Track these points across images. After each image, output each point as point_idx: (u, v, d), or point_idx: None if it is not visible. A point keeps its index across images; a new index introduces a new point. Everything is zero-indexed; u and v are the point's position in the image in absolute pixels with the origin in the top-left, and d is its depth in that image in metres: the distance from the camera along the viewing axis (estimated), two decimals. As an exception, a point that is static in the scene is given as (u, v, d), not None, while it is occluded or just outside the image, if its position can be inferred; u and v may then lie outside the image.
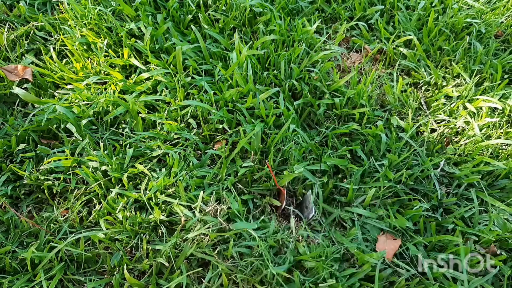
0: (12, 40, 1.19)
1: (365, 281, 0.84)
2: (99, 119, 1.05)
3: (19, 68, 1.10)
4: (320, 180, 0.97)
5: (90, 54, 1.16)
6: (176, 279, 0.80)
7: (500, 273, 0.90)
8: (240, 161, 0.98)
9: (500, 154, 1.10)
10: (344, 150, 1.02)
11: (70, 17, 1.22)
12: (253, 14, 1.27)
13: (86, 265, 0.84)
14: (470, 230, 0.94)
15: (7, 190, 0.91)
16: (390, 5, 1.42)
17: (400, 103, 1.19)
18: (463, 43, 1.33)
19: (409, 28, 1.36)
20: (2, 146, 0.96)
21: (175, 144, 1.01)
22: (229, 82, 1.10)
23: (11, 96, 1.07)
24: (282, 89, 1.12)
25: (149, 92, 1.10)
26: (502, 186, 1.05)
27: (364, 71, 1.28)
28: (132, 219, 0.86)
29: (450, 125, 1.15)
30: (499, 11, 1.47)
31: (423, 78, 1.26)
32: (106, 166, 0.93)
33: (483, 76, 1.28)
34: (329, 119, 1.13)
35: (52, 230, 0.87)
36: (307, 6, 1.37)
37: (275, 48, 1.20)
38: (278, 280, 0.81)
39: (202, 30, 1.23)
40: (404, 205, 0.99)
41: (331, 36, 1.35)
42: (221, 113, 1.02)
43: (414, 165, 1.05)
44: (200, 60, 1.17)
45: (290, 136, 1.02)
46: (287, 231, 0.90)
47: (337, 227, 0.96)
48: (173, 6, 1.23)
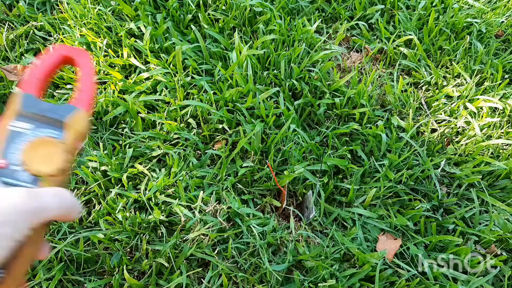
0: (12, 40, 1.18)
1: (365, 281, 0.84)
2: (99, 119, 1.05)
3: (18, 68, 1.10)
4: (321, 180, 0.97)
5: (90, 54, 1.16)
6: (176, 280, 0.80)
7: (501, 273, 0.90)
8: (240, 161, 0.97)
9: (501, 154, 1.10)
10: (344, 150, 1.02)
11: (70, 16, 1.21)
12: (253, 14, 1.27)
13: (86, 266, 0.84)
14: (470, 230, 0.94)
15: (6, 190, 0.91)
16: (391, 5, 1.42)
17: (401, 103, 1.19)
18: (464, 42, 1.32)
19: (410, 28, 1.36)
20: (1, 146, 0.96)
21: (174, 144, 1.01)
22: (229, 82, 1.10)
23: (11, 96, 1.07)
24: (282, 89, 1.12)
25: (148, 92, 1.10)
26: (503, 186, 1.05)
27: (364, 71, 1.28)
28: (131, 219, 0.86)
29: (450, 125, 1.14)
30: (499, 11, 1.47)
31: (423, 78, 1.26)
32: (105, 166, 0.93)
33: (483, 76, 1.28)
34: (329, 119, 1.13)
35: (52, 230, 0.87)
36: (307, 5, 1.37)
37: (275, 47, 1.20)
38: (278, 279, 0.81)
39: (202, 30, 1.22)
40: (404, 205, 0.99)
41: (331, 36, 1.35)
42: (221, 113, 1.02)
43: (415, 165, 1.04)
44: (200, 59, 1.16)
45: (290, 136, 1.01)
46: (286, 231, 0.90)
47: (338, 227, 0.95)
48: (173, 6, 1.23)
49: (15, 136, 0.54)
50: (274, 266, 0.82)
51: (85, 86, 0.59)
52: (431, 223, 0.94)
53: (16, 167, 0.52)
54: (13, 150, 0.53)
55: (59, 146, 0.54)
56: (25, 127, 0.55)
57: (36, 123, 0.55)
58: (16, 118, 0.55)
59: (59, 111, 0.56)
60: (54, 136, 0.55)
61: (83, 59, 0.60)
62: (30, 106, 0.56)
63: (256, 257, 0.83)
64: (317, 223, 0.94)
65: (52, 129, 0.55)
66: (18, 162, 0.53)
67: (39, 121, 0.56)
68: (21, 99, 0.55)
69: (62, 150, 0.54)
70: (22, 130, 0.55)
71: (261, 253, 0.83)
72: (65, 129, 0.55)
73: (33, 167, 0.52)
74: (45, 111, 0.56)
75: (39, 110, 0.56)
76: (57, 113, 0.56)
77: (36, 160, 0.53)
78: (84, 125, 0.55)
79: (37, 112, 0.56)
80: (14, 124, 0.54)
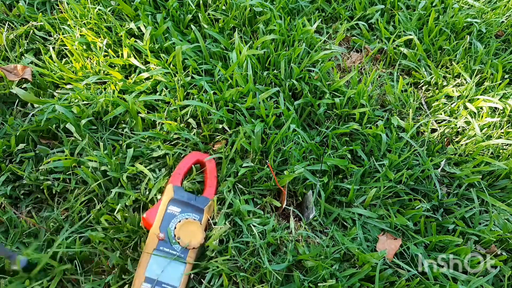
0: (12, 40, 1.19)
1: (366, 281, 0.84)
2: (99, 119, 1.05)
3: (18, 68, 1.10)
4: (321, 180, 0.97)
5: (90, 54, 1.16)
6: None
7: (501, 273, 0.90)
8: (240, 161, 0.97)
9: (501, 154, 1.10)
10: (344, 150, 1.02)
11: (70, 16, 1.21)
12: (253, 14, 1.27)
13: (86, 265, 0.84)
14: (470, 230, 0.94)
15: (6, 190, 0.91)
16: (391, 5, 1.42)
17: (401, 103, 1.19)
18: (464, 42, 1.32)
19: (410, 28, 1.36)
20: (1, 146, 0.96)
21: (175, 144, 1.01)
22: (229, 82, 1.10)
23: (11, 96, 1.07)
24: (282, 89, 1.12)
25: (148, 92, 1.10)
26: (503, 186, 1.05)
27: (364, 71, 1.28)
28: (131, 219, 0.86)
29: (450, 125, 1.14)
30: (499, 11, 1.47)
31: (423, 78, 1.26)
32: (105, 166, 0.93)
33: (483, 76, 1.28)
34: (329, 119, 1.13)
35: (52, 230, 0.87)
36: (307, 5, 1.37)
37: (275, 47, 1.20)
38: (278, 279, 0.81)
39: (202, 30, 1.22)
40: (404, 205, 0.99)
41: (331, 36, 1.35)
42: (221, 113, 1.02)
43: (415, 165, 1.04)
44: (200, 59, 1.16)
45: (290, 136, 1.01)
46: (286, 230, 0.90)
47: (338, 227, 0.95)
48: (173, 6, 1.23)
49: (169, 217, 0.77)
50: (274, 265, 0.82)
51: (212, 183, 0.88)
52: (431, 223, 0.94)
53: (172, 240, 0.75)
54: (168, 227, 0.75)
55: (200, 226, 0.76)
56: (176, 210, 0.78)
57: (183, 208, 0.79)
58: (170, 203, 0.78)
59: (199, 201, 0.82)
60: (196, 218, 0.78)
61: (210, 163, 0.91)
62: (180, 195, 0.81)
63: (256, 257, 0.83)
64: (317, 223, 0.94)
65: (195, 214, 0.79)
66: (172, 237, 0.75)
67: (186, 206, 0.79)
68: (174, 189, 0.81)
69: (202, 229, 0.76)
70: (174, 213, 0.77)
71: (261, 252, 0.83)
72: (202, 213, 0.80)
73: (183, 240, 0.74)
74: (190, 200, 0.80)
75: (186, 198, 0.81)
76: (198, 202, 0.82)
77: (184, 235, 0.74)
78: (214, 210, 0.83)
79: (185, 200, 0.80)
80: (169, 207, 0.78)
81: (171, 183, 0.84)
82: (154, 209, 0.79)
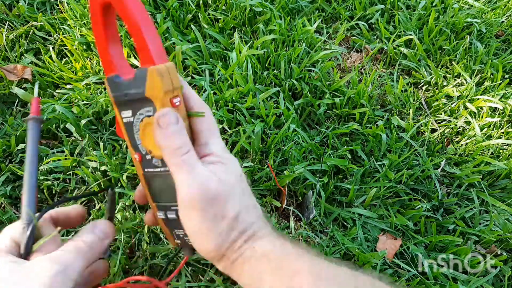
0: (12, 40, 1.18)
1: (366, 281, 0.84)
2: (99, 119, 1.05)
3: (18, 68, 1.10)
4: (321, 180, 0.97)
5: (90, 54, 1.16)
6: (176, 284, 0.80)
7: (501, 273, 0.90)
8: (240, 161, 0.97)
9: (501, 154, 1.10)
10: (344, 150, 1.02)
11: (70, 16, 1.21)
12: (253, 14, 1.27)
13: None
14: (470, 230, 0.94)
15: (6, 190, 0.91)
16: (391, 5, 1.42)
17: (401, 103, 1.19)
18: (464, 42, 1.32)
19: (410, 28, 1.36)
20: (1, 146, 0.96)
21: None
22: (229, 82, 1.10)
23: (11, 96, 1.07)
24: (282, 89, 1.12)
25: (148, 91, 1.10)
26: (503, 186, 1.05)
27: (364, 71, 1.28)
28: (132, 219, 0.86)
29: (450, 125, 1.14)
30: (499, 11, 1.47)
31: (423, 78, 1.26)
32: (105, 166, 0.93)
33: (483, 76, 1.28)
34: (330, 119, 1.13)
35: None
36: (307, 5, 1.37)
37: (275, 47, 1.20)
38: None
39: (202, 30, 1.22)
40: (404, 205, 0.99)
41: (331, 36, 1.35)
42: (221, 113, 1.02)
43: (415, 165, 1.04)
44: (200, 59, 1.16)
45: (290, 136, 1.01)
46: (286, 230, 0.89)
47: (338, 227, 0.95)
48: (173, 6, 1.23)
49: (129, 128, 0.48)
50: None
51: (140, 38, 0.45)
52: (431, 223, 0.94)
53: (148, 156, 0.48)
54: (137, 141, 0.49)
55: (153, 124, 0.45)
56: (128, 115, 0.48)
57: (131, 107, 0.47)
58: (118, 108, 0.48)
59: (137, 82, 0.45)
60: (149, 113, 0.46)
61: None
62: (117, 92, 0.47)
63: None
64: (317, 223, 0.94)
65: (145, 107, 0.46)
66: (146, 151, 0.48)
67: (131, 103, 0.47)
68: (109, 87, 0.47)
69: None
70: (129, 120, 0.48)
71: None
72: (149, 100, 0.45)
73: (155, 153, 0.47)
74: (128, 89, 0.46)
75: (124, 91, 0.46)
76: (135, 85, 0.45)
77: (152, 145, 0.47)
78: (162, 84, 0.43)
79: (123, 95, 0.47)
80: (123, 116, 0.48)
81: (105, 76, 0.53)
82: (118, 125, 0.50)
